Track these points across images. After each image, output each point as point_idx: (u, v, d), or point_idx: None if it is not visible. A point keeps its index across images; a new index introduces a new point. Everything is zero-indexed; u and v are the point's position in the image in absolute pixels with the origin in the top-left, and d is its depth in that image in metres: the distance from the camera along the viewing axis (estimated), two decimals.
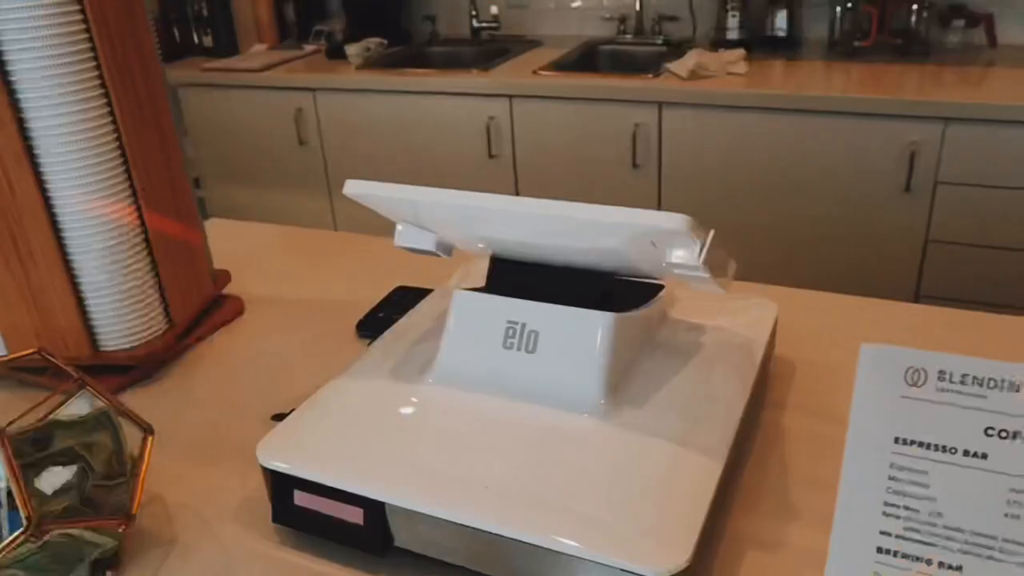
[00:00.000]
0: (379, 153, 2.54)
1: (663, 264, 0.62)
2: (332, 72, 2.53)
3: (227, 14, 2.84)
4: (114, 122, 0.84)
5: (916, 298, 2.10)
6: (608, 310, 0.66)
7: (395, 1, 2.87)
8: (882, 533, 0.45)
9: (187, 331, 0.97)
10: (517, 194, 2.41)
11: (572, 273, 0.70)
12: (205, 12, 2.86)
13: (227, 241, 1.25)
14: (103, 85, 0.83)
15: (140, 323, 0.90)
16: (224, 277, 1.06)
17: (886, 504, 0.45)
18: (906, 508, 0.45)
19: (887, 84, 2.03)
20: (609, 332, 0.65)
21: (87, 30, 0.81)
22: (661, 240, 0.58)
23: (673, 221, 0.55)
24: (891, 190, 2.02)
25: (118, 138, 0.85)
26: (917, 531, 0.45)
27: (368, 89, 2.46)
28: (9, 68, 0.78)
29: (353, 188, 0.65)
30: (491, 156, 2.39)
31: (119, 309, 0.88)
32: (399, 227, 0.71)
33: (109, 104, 0.84)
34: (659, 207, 2.25)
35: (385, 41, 2.68)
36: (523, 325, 0.67)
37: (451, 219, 0.65)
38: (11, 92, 0.79)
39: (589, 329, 0.65)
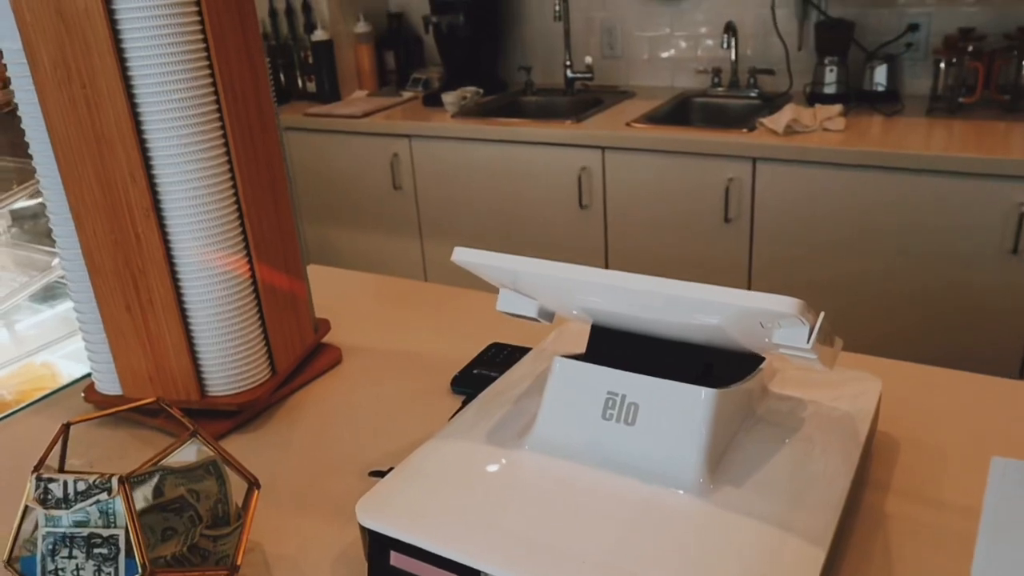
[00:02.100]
0: (471, 200, 2.59)
1: (769, 343, 0.62)
2: (428, 119, 2.59)
3: (331, 62, 2.95)
4: (233, 178, 0.89)
5: None
6: (708, 381, 0.66)
7: (491, 51, 2.93)
8: None
9: (288, 379, 1.00)
10: (606, 245, 2.42)
11: (673, 344, 0.70)
12: (311, 60, 2.98)
13: (326, 289, 1.29)
14: (226, 144, 0.87)
15: (246, 370, 0.93)
16: (324, 326, 1.09)
17: None
18: None
19: (993, 142, 1.96)
20: (710, 409, 0.64)
21: (215, 92, 0.85)
22: (769, 322, 0.58)
23: (783, 304, 0.55)
24: (997, 252, 1.94)
25: (235, 193, 0.89)
26: None
27: (463, 137, 2.51)
28: (144, 127, 0.83)
29: (461, 256, 0.66)
30: (582, 206, 2.40)
31: (227, 356, 0.92)
32: (502, 292, 0.72)
33: (230, 161, 0.88)
34: (750, 263, 2.22)
35: (481, 90, 2.74)
36: (623, 396, 0.67)
37: (554, 290, 0.66)
38: (144, 150, 0.84)
39: (690, 405, 0.65)
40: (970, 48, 2.21)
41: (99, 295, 0.90)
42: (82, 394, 0.99)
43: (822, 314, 0.57)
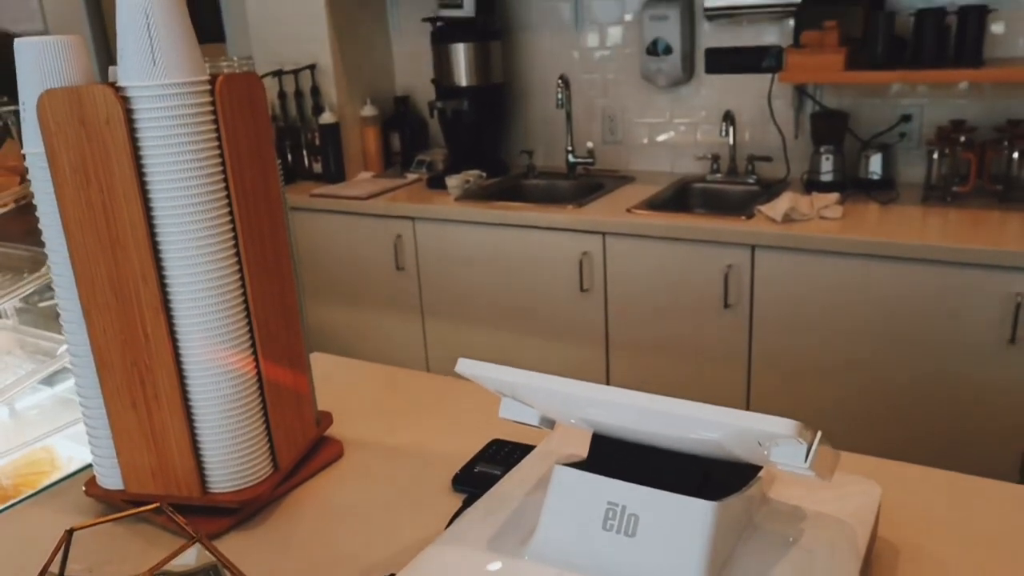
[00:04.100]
0: (474, 282, 2.61)
1: (768, 458, 0.62)
2: (432, 202, 2.64)
3: (337, 143, 3.02)
4: (242, 278, 0.91)
5: None
6: (708, 490, 0.66)
7: (494, 135, 3.00)
8: None
9: (290, 475, 1.00)
10: (607, 329, 2.43)
11: (673, 454, 0.70)
12: (318, 141, 3.05)
13: (329, 378, 1.30)
14: (236, 245, 0.90)
15: (248, 467, 0.94)
16: (327, 420, 1.10)
17: None
18: None
19: (988, 232, 2.00)
20: (711, 522, 0.65)
21: (227, 195, 0.88)
22: (767, 441, 0.59)
23: (781, 426, 0.56)
24: (995, 342, 1.96)
25: (244, 292, 0.91)
26: None
27: (465, 220, 2.55)
28: (157, 229, 0.85)
29: (464, 367, 0.68)
30: (583, 290, 2.43)
31: (231, 453, 0.92)
32: (504, 401, 0.73)
33: (239, 262, 0.90)
34: (750, 349, 2.24)
35: (484, 173, 2.79)
36: (623, 507, 0.67)
37: (554, 402, 0.67)
38: (156, 251, 0.86)
39: (691, 518, 0.65)
40: (962, 139, 2.27)
41: (106, 391, 0.91)
42: (83, 487, 0.99)
43: (819, 433, 0.58)
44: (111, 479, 0.96)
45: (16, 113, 1.09)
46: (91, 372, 0.92)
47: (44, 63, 0.83)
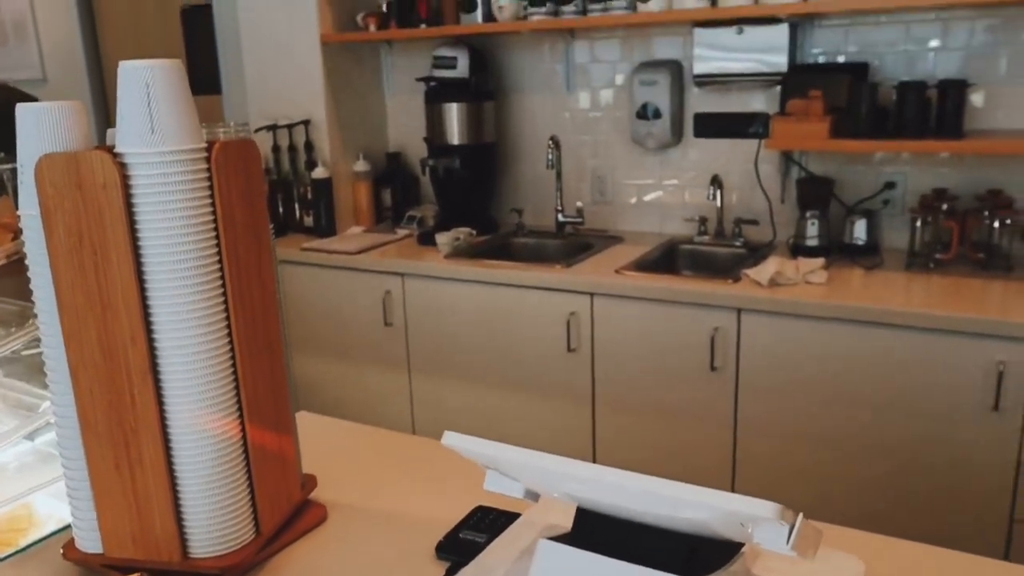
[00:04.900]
0: (461, 339, 2.62)
1: (751, 538, 0.63)
2: (421, 258, 2.66)
3: (329, 198, 3.04)
4: (231, 342, 0.91)
5: (1011, 521, 1.99)
6: (692, 564, 0.66)
7: (485, 193, 3.03)
8: None
9: (273, 539, 0.99)
10: (593, 389, 2.43)
11: (657, 531, 0.70)
12: (310, 195, 3.08)
13: (314, 439, 1.30)
14: (226, 309, 0.90)
15: (231, 532, 0.93)
16: (311, 483, 1.10)
17: None
18: None
19: (970, 299, 2.02)
20: None
21: (219, 261, 0.89)
22: (750, 522, 0.59)
23: (763, 509, 0.56)
24: (977, 409, 1.97)
25: (232, 356, 0.92)
26: None
27: (454, 278, 2.57)
28: (148, 293, 0.86)
29: (450, 440, 0.68)
30: (570, 350, 2.43)
31: (213, 518, 0.92)
32: (489, 473, 0.74)
33: (229, 326, 0.91)
34: (736, 412, 2.24)
35: (473, 231, 2.82)
36: None
37: (538, 477, 0.67)
38: (147, 314, 0.86)
39: None
40: (944, 207, 2.31)
41: (89, 453, 0.91)
42: (61, 550, 0.98)
43: (800, 516, 0.59)
44: (90, 542, 0.95)
45: (14, 171, 1.10)
46: (75, 432, 0.92)
47: (44, 128, 0.85)
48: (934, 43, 2.38)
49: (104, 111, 4.12)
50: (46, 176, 0.83)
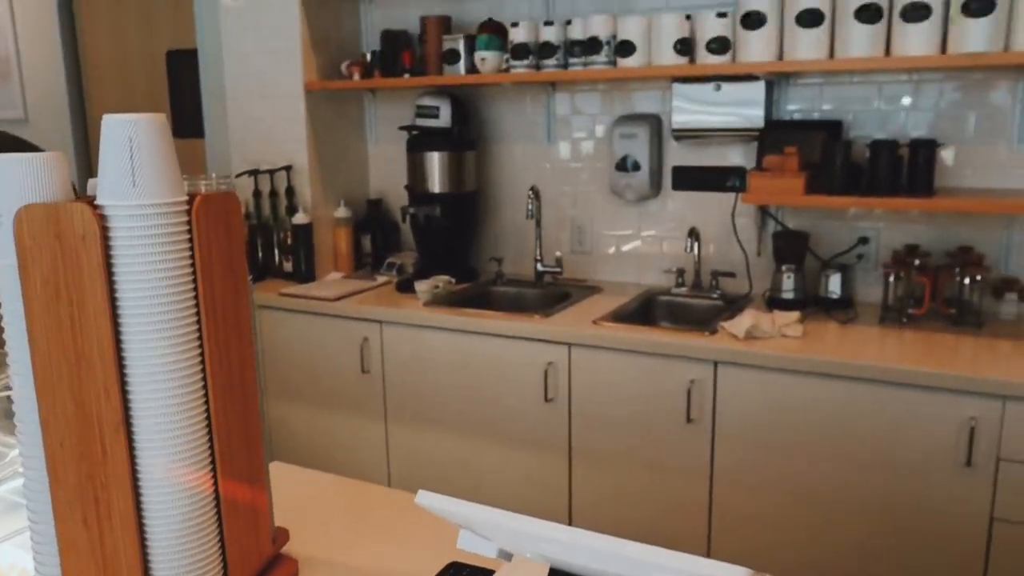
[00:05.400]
0: (438, 387, 2.61)
1: None
2: (400, 306, 2.66)
3: (309, 243, 3.05)
4: (206, 395, 0.91)
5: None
6: None
7: (465, 241, 3.05)
8: None
9: None
10: (570, 440, 2.43)
11: None
12: (289, 240, 3.08)
13: (288, 490, 1.28)
14: (202, 362, 0.90)
15: None
16: (283, 536, 1.08)
17: None
18: None
19: (942, 355, 2.05)
20: None
21: (197, 314, 0.89)
22: None
23: (734, 574, 0.56)
24: (950, 464, 1.98)
25: (207, 409, 0.91)
26: None
27: (433, 326, 2.57)
28: (124, 345, 0.85)
29: (423, 499, 0.68)
30: (547, 400, 2.43)
31: (182, 574, 0.90)
32: (463, 532, 0.73)
33: (204, 379, 0.90)
34: (712, 464, 2.24)
35: (453, 279, 2.83)
36: None
37: (510, 537, 0.67)
38: (121, 366, 0.86)
39: None
40: (916, 263, 2.35)
41: (57, 507, 0.90)
42: None
43: None
44: None
45: None
46: (43, 485, 0.91)
47: (24, 179, 0.85)
48: (906, 101, 2.44)
49: (86, 152, 4.12)
50: (25, 227, 0.83)
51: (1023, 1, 2.05)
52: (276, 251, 3.15)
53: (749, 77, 2.50)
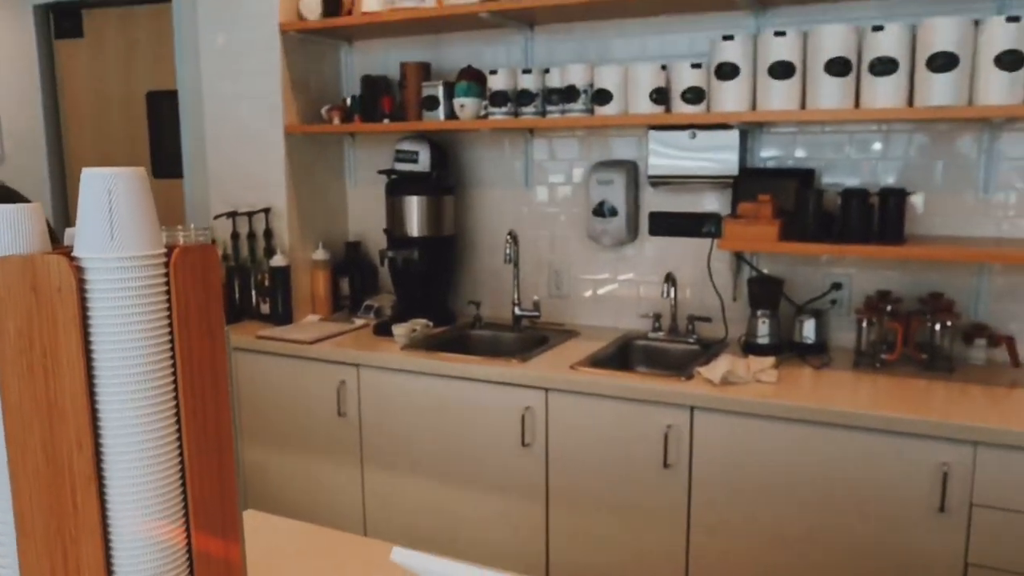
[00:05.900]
0: (415, 431, 2.60)
1: None
2: (377, 349, 2.65)
3: (286, 286, 3.04)
4: (180, 448, 0.90)
5: None
6: None
7: (443, 285, 3.06)
8: None
9: None
10: (547, 484, 2.42)
11: None
12: (267, 282, 3.07)
13: (260, 540, 1.27)
14: (177, 415, 0.90)
15: None
16: None
17: None
18: None
19: (914, 401, 2.07)
20: None
21: (173, 367, 0.89)
22: None
23: None
24: (924, 510, 1.99)
25: (181, 462, 0.90)
26: None
27: (410, 370, 2.56)
28: (98, 397, 0.85)
29: (398, 556, 0.68)
30: (524, 444, 2.43)
31: None
32: None
33: (179, 432, 0.90)
34: (689, 509, 2.24)
35: (430, 323, 2.83)
36: None
37: None
38: (95, 419, 0.85)
39: None
40: (888, 309, 2.38)
41: (23, 561, 0.88)
42: None
43: None
44: None
45: None
46: (10, 539, 0.89)
47: (1, 231, 0.85)
48: (876, 149, 2.50)
49: (63, 192, 4.10)
50: (0, 279, 0.83)
51: (984, 57, 2.12)
52: (253, 293, 3.14)
53: (724, 125, 2.55)
